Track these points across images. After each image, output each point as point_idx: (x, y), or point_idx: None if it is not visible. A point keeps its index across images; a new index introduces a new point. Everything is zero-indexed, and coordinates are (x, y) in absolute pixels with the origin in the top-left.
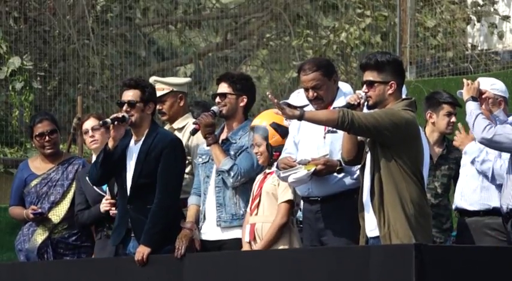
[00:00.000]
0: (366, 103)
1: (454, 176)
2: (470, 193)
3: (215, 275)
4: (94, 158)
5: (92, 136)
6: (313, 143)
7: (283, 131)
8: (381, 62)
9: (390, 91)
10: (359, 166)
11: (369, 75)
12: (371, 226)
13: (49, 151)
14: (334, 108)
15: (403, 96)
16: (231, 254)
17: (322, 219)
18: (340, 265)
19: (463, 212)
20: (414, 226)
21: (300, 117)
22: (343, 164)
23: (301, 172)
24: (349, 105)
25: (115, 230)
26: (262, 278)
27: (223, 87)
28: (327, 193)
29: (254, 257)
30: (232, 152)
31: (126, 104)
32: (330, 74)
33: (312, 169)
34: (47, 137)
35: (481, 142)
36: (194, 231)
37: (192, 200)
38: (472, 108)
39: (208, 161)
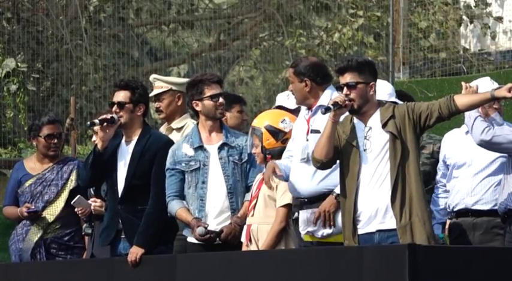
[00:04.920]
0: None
1: (433, 172)
2: (482, 192)
3: (208, 276)
4: None
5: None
6: (299, 143)
7: (277, 134)
8: (360, 63)
9: (371, 92)
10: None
11: (350, 77)
12: (380, 219)
13: (52, 153)
14: (320, 106)
15: (393, 99)
16: (223, 255)
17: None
18: (333, 265)
19: (474, 213)
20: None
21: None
22: (335, 191)
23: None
24: (335, 104)
25: (104, 231)
26: (255, 279)
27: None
28: (313, 194)
29: (247, 258)
30: (236, 157)
31: (115, 105)
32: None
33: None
34: (55, 140)
35: (480, 144)
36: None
37: (177, 204)
38: (470, 111)
39: (200, 167)
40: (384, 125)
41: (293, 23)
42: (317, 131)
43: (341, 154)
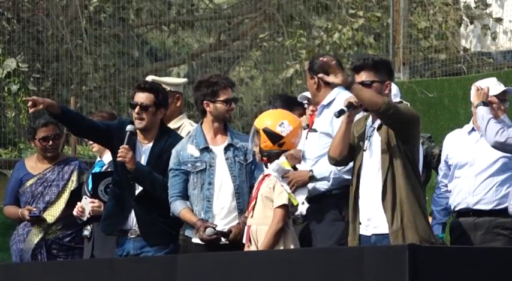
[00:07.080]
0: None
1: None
2: (484, 192)
3: (208, 276)
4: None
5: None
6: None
7: (274, 137)
8: (376, 62)
9: (386, 91)
10: (335, 170)
11: (366, 76)
12: (375, 223)
13: (50, 154)
14: (323, 106)
15: (398, 99)
16: (224, 255)
17: (311, 219)
18: (333, 265)
19: (475, 213)
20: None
21: (350, 85)
22: (313, 173)
23: (279, 162)
24: (349, 105)
25: (107, 217)
26: (255, 279)
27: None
28: (312, 194)
29: (247, 258)
30: (242, 158)
31: (138, 107)
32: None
33: (287, 168)
34: (50, 142)
35: (494, 146)
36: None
37: (181, 204)
38: (483, 113)
39: (206, 168)
40: (379, 128)
41: (293, 23)
42: (314, 131)
43: (353, 151)
